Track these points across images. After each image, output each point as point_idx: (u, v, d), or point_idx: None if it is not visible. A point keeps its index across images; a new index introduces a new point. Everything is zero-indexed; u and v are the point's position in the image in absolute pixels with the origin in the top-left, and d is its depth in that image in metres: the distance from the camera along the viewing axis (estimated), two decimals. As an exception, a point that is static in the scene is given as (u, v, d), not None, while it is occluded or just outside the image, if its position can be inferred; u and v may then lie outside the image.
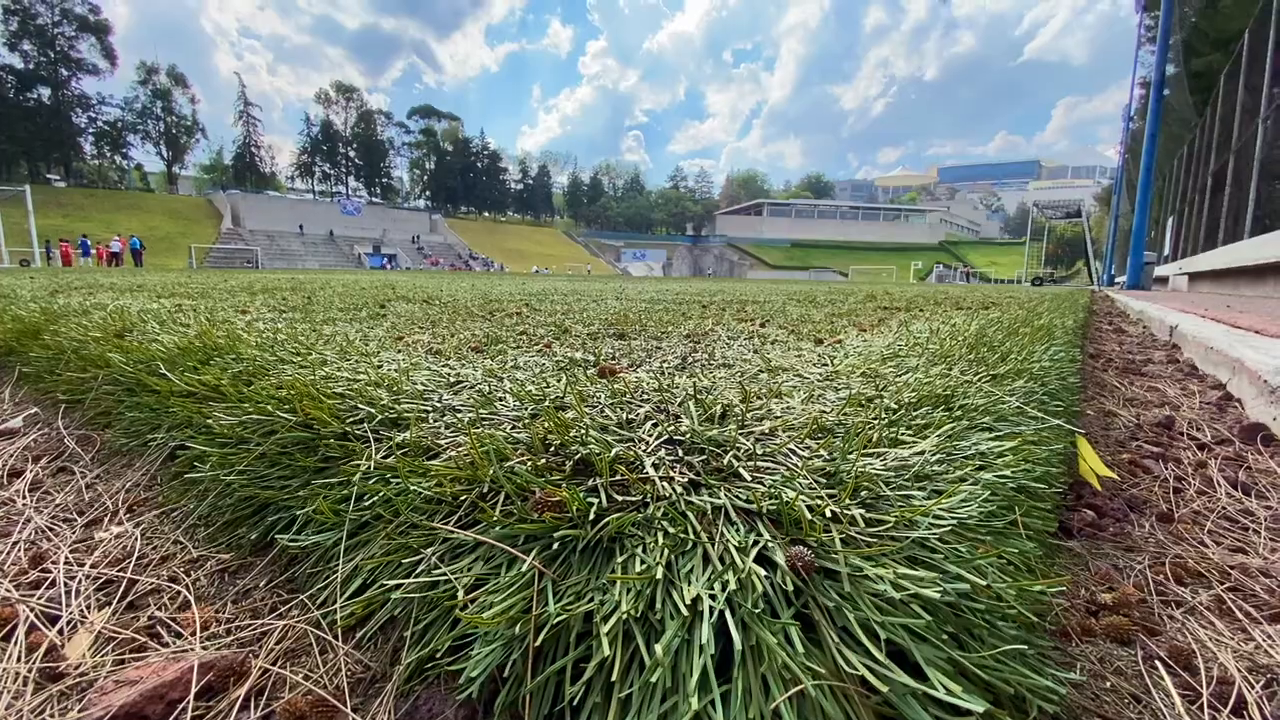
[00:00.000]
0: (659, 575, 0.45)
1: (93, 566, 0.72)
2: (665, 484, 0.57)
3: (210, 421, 0.92)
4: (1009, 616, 0.50)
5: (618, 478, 0.57)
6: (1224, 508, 1.22)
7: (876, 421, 0.74)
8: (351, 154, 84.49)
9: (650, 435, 0.67)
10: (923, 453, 0.68)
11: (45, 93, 60.92)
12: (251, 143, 77.44)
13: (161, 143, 70.06)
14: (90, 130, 65.05)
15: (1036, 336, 1.96)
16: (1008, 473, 0.71)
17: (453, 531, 0.56)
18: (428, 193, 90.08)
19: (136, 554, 0.73)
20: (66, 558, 0.74)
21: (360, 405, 0.84)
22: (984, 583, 0.49)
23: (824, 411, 0.76)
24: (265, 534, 0.72)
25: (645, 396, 0.80)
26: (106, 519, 0.85)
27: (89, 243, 34.67)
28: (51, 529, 0.84)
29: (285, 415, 0.86)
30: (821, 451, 0.62)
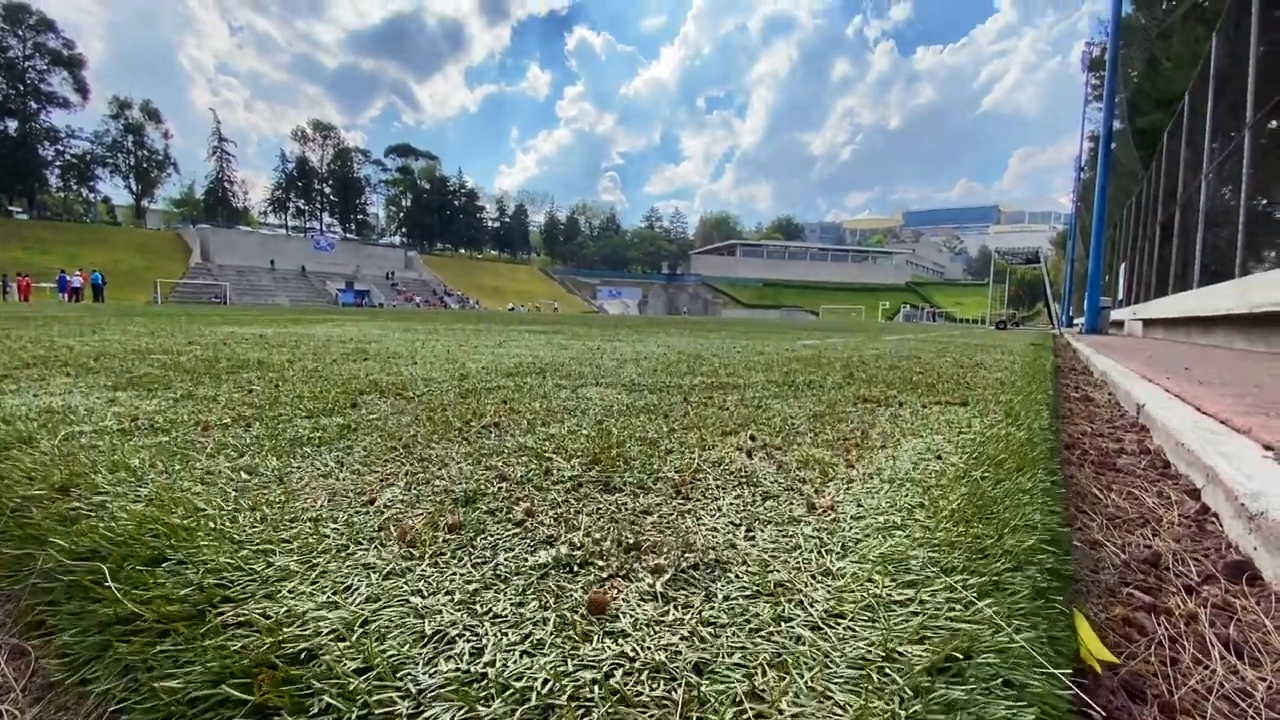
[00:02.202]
0: None
1: None
2: None
3: (155, 684, 0.82)
4: None
5: None
6: (1221, 682, 1.20)
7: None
8: (327, 190, 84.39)
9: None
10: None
11: (12, 125, 59.90)
12: (225, 178, 77.00)
13: (131, 176, 69.15)
14: (57, 163, 63.97)
15: (1024, 463, 1.95)
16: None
17: None
18: (403, 229, 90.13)
19: None
20: None
21: (326, 695, 0.76)
22: None
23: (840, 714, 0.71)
24: None
25: (644, 693, 0.74)
26: (28, 822, 0.74)
27: (67, 278, 34.06)
28: (-40, 836, 0.73)
29: (238, 692, 0.77)
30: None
